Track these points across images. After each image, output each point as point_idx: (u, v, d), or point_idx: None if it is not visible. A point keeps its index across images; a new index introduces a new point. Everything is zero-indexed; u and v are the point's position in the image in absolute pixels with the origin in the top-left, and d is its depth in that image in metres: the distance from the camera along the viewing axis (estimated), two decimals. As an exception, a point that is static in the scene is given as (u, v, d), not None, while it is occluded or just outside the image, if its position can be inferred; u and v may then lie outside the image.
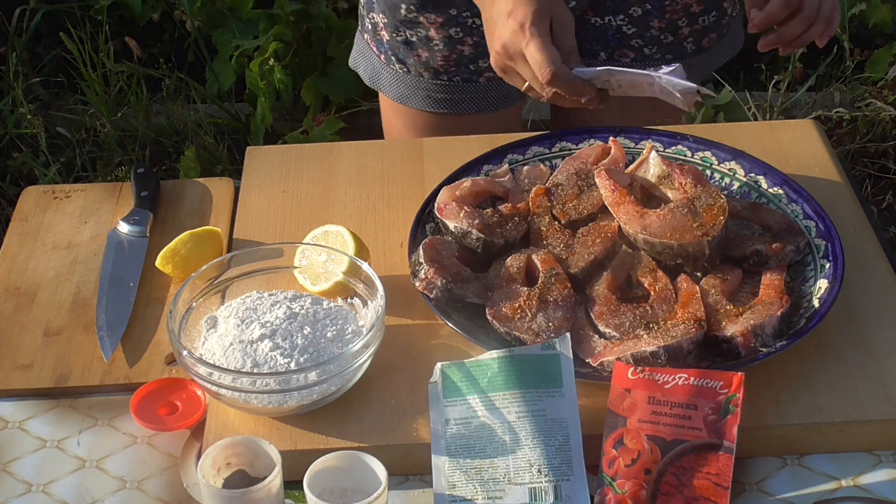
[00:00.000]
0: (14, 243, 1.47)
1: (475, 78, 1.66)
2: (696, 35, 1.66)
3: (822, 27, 1.38)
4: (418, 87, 1.68)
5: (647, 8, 1.61)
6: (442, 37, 1.62)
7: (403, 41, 1.64)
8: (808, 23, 1.37)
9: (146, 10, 3.15)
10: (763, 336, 1.21)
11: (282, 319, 1.23)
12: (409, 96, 1.70)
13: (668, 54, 1.66)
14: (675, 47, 1.65)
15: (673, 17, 1.62)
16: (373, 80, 1.74)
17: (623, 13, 1.62)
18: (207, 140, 2.90)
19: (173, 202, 1.53)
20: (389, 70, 1.69)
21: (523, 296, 1.26)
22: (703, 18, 1.65)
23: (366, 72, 1.75)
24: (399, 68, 1.68)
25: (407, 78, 1.68)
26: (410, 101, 1.70)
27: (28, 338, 1.33)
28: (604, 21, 1.63)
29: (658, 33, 1.63)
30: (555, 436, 1.14)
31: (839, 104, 2.95)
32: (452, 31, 1.61)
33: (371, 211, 1.47)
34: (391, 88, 1.71)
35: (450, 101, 1.68)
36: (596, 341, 1.23)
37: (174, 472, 1.20)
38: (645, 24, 1.62)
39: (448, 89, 1.67)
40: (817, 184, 1.46)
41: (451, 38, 1.62)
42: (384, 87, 1.72)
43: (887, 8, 3.07)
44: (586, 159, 1.43)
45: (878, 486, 1.16)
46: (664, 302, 1.26)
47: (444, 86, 1.67)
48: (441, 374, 1.20)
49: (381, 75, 1.72)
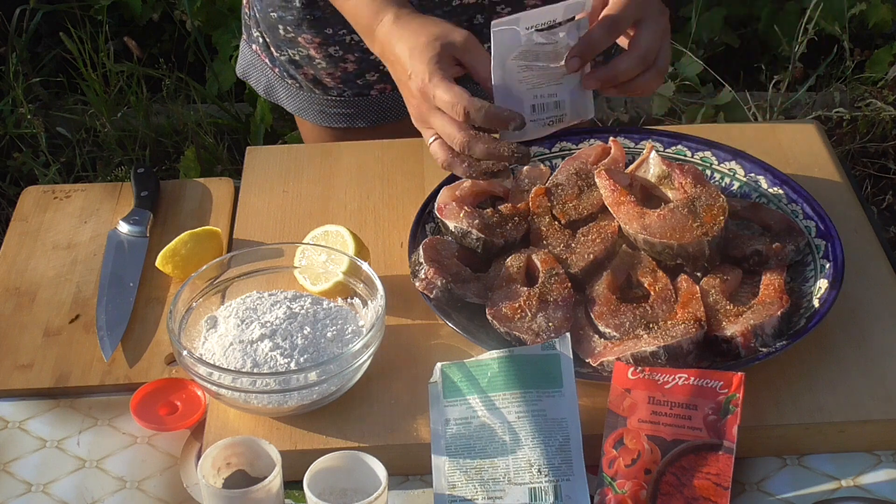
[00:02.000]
0: (14, 243, 1.47)
1: (366, 92, 1.63)
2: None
3: (656, 77, 1.34)
4: (312, 102, 1.67)
5: None
6: (323, 56, 1.60)
7: (288, 60, 1.63)
8: (643, 66, 1.33)
9: (146, 10, 3.15)
10: (763, 336, 1.21)
11: (282, 319, 1.23)
12: (305, 110, 1.68)
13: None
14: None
15: None
16: (268, 93, 1.72)
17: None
18: (207, 140, 2.90)
19: (173, 202, 1.53)
20: (284, 84, 1.68)
21: (523, 296, 1.26)
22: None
23: (258, 83, 1.72)
24: (291, 83, 1.66)
25: (300, 93, 1.67)
26: (306, 114, 1.68)
27: (28, 338, 1.33)
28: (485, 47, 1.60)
29: None
30: (555, 436, 1.14)
31: (839, 104, 2.95)
32: (332, 50, 1.59)
33: (371, 211, 1.47)
34: (287, 102, 1.69)
35: (344, 115, 1.66)
36: (596, 341, 1.23)
37: (174, 472, 1.20)
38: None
39: (340, 104, 1.65)
40: (817, 184, 1.46)
41: (331, 56, 1.59)
42: (281, 100, 1.70)
43: (887, 8, 3.07)
44: (586, 159, 1.43)
45: (878, 486, 1.16)
46: (664, 302, 1.26)
47: (336, 101, 1.65)
48: (441, 374, 1.20)
49: (276, 88, 1.70)
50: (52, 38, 3.13)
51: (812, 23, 2.80)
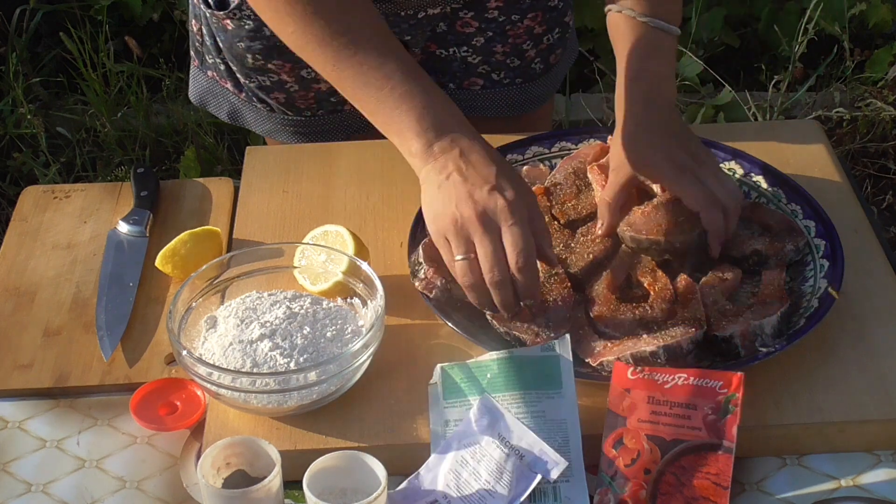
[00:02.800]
0: (14, 243, 1.47)
1: (339, 108, 1.61)
2: (543, 54, 1.64)
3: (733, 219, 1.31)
4: (285, 124, 1.64)
5: (488, 35, 1.58)
6: (295, 79, 1.58)
7: (258, 86, 1.60)
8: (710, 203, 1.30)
9: (146, 10, 3.14)
10: (762, 336, 1.21)
11: (281, 319, 1.23)
12: (278, 131, 1.66)
13: (518, 78, 1.63)
14: (524, 70, 1.63)
15: (516, 41, 1.60)
16: (233, 117, 1.67)
17: (466, 44, 1.59)
18: (207, 140, 2.90)
19: (173, 202, 1.53)
20: (252, 108, 1.64)
21: None
22: (547, 38, 1.63)
23: (220, 109, 1.68)
24: (262, 107, 1.63)
25: (272, 115, 1.64)
26: (279, 135, 1.66)
27: (28, 338, 1.33)
28: (448, 53, 1.60)
29: (503, 58, 1.61)
30: (554, 437, 1.14)
31: (839, 104, 2.95)
32: (304, 73, 1.56)
33: (371, 211, 1.47)
34: (257, 125, 1.66)
35: (318, 133, 1.65)
36: (596, 341, 1.23)
37: (174, 472, 1.20)
38: (489, 51, 1.60)
39: (314, 123, 1.64)
40: (817, 184, 1.46)
41: (303, 78, 1.57)
42: (249, 124, 1.67)
43: (887, 8, 3.06)
44: (584, 158, 1.43)
45: (878, 486, 1.16)
46: (664, 302, 1.26)
47: (309, 120, 1.63)
48: (441, 375, 1.20)
49: (242, 113, 1.66)
50: (52, 38, 3.13)
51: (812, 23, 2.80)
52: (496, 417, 1.15)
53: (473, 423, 1.15)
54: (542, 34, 1.62)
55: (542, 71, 1.66)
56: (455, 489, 1.12)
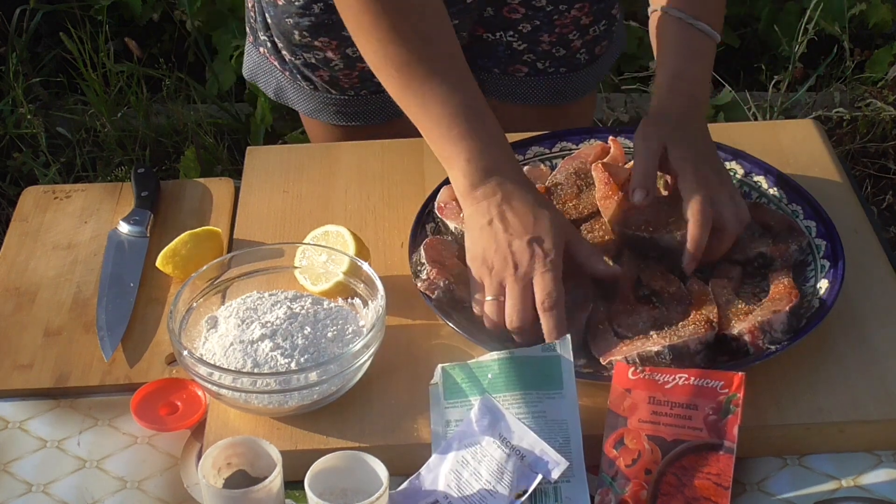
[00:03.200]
0: (14, 243, 1.47)
1: (382, 89, 1.60)
2: (588, 45, 1.65)
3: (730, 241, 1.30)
4: (327, 103, 1.67)
5: (535, 24, 1.60)
6: (340, 57, 1.59)
7: (303, 63, 1.63)
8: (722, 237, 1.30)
9: (146, 10, 3.14)
10: (772, 332, 1.21)
11: (282, 319, 1.23)
12: (320, 111, 1.68)
13: (562, 67, 1.65)
14: (568, 60, 1.64)
15: (563, 30, 1.61)
16: (278, 95, 1.71)
17: (512, 29, 1.60)
18: (207, 140, 2.90)
19: (173, 202, 1.53)
20: (296, 86, 1.67)
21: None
22: (593, 29, 1.64)
23: (268, 86, 1.72)
24: (306, 85, 1.66)
25: (315, 94, 1.66)
26: (321, 115, 1.68)
27: (28, 338, 1.33)
28: (495, 37, 1.62)
29: (549, 47, 1.63)
30: (555, 437, 1.14)
31: (839, 104, 2.95)
32: (349, 51, 1.58)
33: (371, 211, 1.47)
34: (300, 104, 1.69)
35: (359, 113, 1.67)
36: (610, 339, 1.23)
37: (174, 472, 1.20)
38: (535, 39, 1.61)
39: (356, 103, 1.66)
40: (817, 184, 1.46)
41: (349, 57, 1.59)
42: (292, 102, 1.70)
43: (887, 8, 3.07)
44: (585, 159, 1.43)
45: (879, 486, 1.16)
46: (679, 304, 1.26)
47: (352, 100, 1.65)
48: (442, 375, 1.20)
49: (286, 91, 1.69)
50: (52, 38, 3.13)
51: (812, 23, 2.80)
52: (497, 418, 1.15)
53: (474, 424, 1.15)
54: (588, 25, 1.63)
55: (587, 62, 1.67)
56: (456, 489, 1.12)
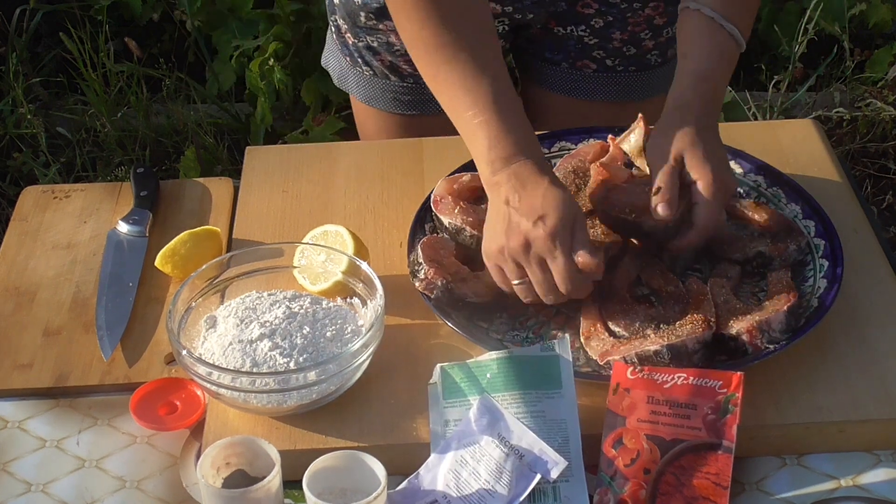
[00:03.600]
0: (14, 243, 1.47)
1: None
2: (661, 47, 1.65)
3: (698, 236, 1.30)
4: (385, 90, 1.68)
5: (608, 20, 1.60)
6: (402, 42, 1.59)
7: (366, 46, 1.64)
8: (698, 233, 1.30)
9: (146, 10, 3.14)
10: (770, 332, 1.21)
11: (281, 319, 1.23)
12: (377, 98, 1.69)
13: (632, 66, 1.64)
14: (639, 59, 1.64)
15: (635, 29, 1.61)
16: (341, 81, 1.74)
17: (584, 24, 1.60)
18: (207, 140, 2.90)
19: (173, 202, 1.53)
20: (356, 72, 1.69)
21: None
22: (667, 30, 1.63)
23: (335, 71, 1.75)
24: (365, 70, 1.67)
25: (374, 80, 1.68)
26: (378, 102, 1.69)
27: (28, 338, 1.33)
28: (566, 31, 1.62)
29: (620, 45, 1.63)
30: (554, 437, 1.14)
31: (839, 104, 2.95)
32: None
33: (370, 211, 1.47)
34: (359, 90, 1.71)
35: (416, 102, 1.67)
36: (605, 339, 1.23)
37: (174, 471, 1.20)
38: (607, 35, 1.61)
39: (414, 91, 1.66)
40: (817, 184, 1.46)
41: None
42: (352, 89, 1.72)
43: (887, 8, 3.06)
44: (584, 157, 1.43)
45: (878, 485, 1.16)
46: (676, 303, 1.26)
47: (410, 88, 1.66)
48: (441, 374, 1.20)
49: (348, 76, 1.71)
50: (52, 38, 3.13)
51: (812, 23, 2.80)
52: (496, 417, 1.15)
53: (473, 423, 1.15)
54: (661, 26, 1.62)
55: (659, 64, 1.67)
56: (455, 489, 1.12)
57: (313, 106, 2.91)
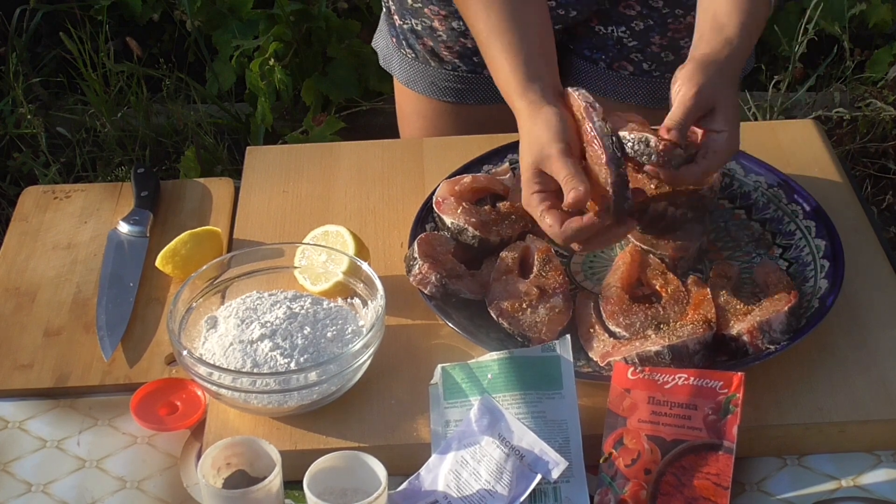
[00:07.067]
0: (14, 243, 1.47)
1: (479, 70, 1.66)
2: None
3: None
4: (425, 74, 1.70)
5: (649, 23, 1.60)
6: (445, 28, 1.63)
7: (410, 29, 1.67)
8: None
9: (146, 10, 3.14)
10: (771, 332, 1.21)
11: (282, 319, 1.23)
12: (416, 81, 1.71)
13: (668, 73, 1.63)
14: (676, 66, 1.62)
15: (675, 35, 1.61)
16: (385, 62, 1.77)
17: (625, 25, 1.61)
18: (207, 140, 2.90)
19: (173, 202, 1.53)
20: (399, 54, 1.72)
21: (523, 286, 1.26)
22: None
23: (381, 52, 1.77)
24: (408, 52, 1.70)
25: (415, 63, 1.70)
26: (417, 85, 1.72)
27: (28, 338, 1.33)
28: (607, 31, 1.63)
29: (659, 50, 1.63)
30: (555, 437, 1.14)
31: (839, 104, 2.95)
32: (455, 24, 1.62)
33: (371, 211, 1.47)
34: (401, 71, 1.73)
35: (454, 90, 1.69)
36: (605, 340, 1.23)
37: (174, 472, 1.20)
38: (646, 38, 1.62)
39: (453, 79, 1.68)
40: (817, 184, 1.46)
41: (454, 30, 1.63)
42: (394, 70, 1.75)
43: (887, 8, 3.07)
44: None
45: (878, 486, 1.16)
46: (677, 303, 1.26)
47: (449, 75, 1.68)
48: (442, 375, 1.20)
49: (392, 57, 1.74)
50: (52, 38, 3.13)
51: (812, 23, 2.79)
52: (497, 418, 1.15)
53: (474, 424, 1.15)
54: None
55: None
56: (455, 489, 1.12)
57: (313, 106, 2.92)
